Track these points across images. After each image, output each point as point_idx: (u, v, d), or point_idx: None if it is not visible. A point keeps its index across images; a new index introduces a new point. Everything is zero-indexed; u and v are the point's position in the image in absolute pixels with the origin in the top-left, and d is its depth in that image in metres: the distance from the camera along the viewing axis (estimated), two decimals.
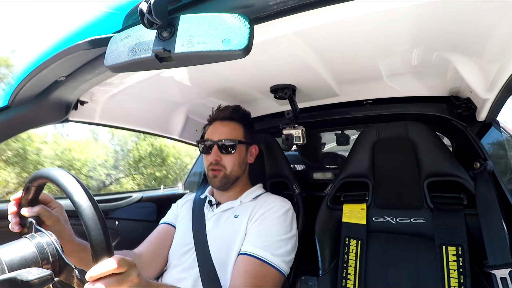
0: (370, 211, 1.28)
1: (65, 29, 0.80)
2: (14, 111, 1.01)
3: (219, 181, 1.18)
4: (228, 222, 1.15)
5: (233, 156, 1.18)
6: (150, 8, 0.52)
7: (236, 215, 1.16)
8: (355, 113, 1.54)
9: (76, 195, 0.63)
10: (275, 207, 1.13)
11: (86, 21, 0.78)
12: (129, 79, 1.10)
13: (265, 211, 1.11)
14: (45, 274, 0.56)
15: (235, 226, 1.12)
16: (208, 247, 1.11)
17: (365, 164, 1.33)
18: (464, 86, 1.18)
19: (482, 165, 1.13)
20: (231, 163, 1.18)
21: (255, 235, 1.06)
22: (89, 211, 0.61)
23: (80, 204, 0.61)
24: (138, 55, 0.59)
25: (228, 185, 1.20)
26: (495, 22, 0.75)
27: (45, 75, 0.90)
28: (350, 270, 1.21)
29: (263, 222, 1.09)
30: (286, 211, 1.13)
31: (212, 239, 1.13)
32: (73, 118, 1.19)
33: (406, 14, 0.77)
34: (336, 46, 0.99)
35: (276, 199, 1.18)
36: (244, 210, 1.16)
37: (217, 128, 1.23)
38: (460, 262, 1.05)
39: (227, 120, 1.25)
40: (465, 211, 1.12)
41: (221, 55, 0.54)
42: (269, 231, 1.07)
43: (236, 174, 1.20)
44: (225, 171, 1.18)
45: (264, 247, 1.02)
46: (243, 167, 1.23)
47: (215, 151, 1.18)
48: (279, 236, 1.07)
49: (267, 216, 1.10)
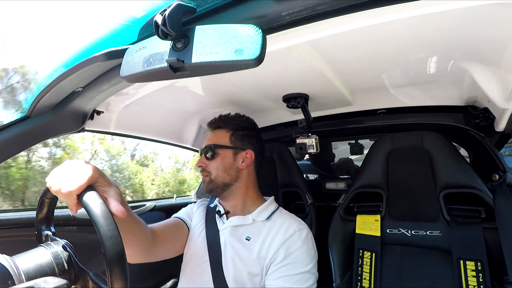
0: (384, 223, 1.25)
1: (83, 42, 0.83)
2: (34, 121, 1.04)
3: (206, 186, 1.21)
4: (240, 243, 1.13)
5: (215, 161, 1.20)
6: (165, 20, 0.53)
7: (248, 238, 1.13)
8: (369, 123, 1.52)
9: (91, 205, 0.63)
10: (295, 233, 1.10)
11: (103, 34, 0.80)
12: (143, 89, 1.12)
13: (285, 240, 1.08)
14: (61, 283, 0.57)
15: (248, 249, 1.10)
16: (221, 263, 1.10)
17: (379, 174, 1.30)
18: (481, 95, 1.16)
19: (501, 177, 1.09)
20: (215, 168, 1.19)
21: (283, 270, 1.04)
22: (103, 220, 0.62)
23: (95, 213, 0.62)
24: (153, 66, 0.60)
25: (218, 190, 1.20)
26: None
27: (63, 86, 0.92)
28: (365, 283, 1.18)
29: (287, 256, 1.06)
30: (306, 236, 1.11)
31: (227, 259, 1.11)
32: (89, 127, 1.22)
33: (421, 23, 0.76)
34: (350, 55, 0.98)
35: (293, 223, 1.14)
36: (256, 232, 1.13)
37: (207, 138, 1.28)
38: (480, 278, 1.01)
39: (214, 129, 1.29)
40: (484, 225, 1.09)
41: (233, 65, 0.55)
42: (296, 265, 1.05)
43: (223, 180, 1.19)
44: (210, 176, 1.20)
45: (294, 282, 1.02)
46: (232, 173, 1.20)
47: (202, 158, 1.23)
48: (306, 267, 1.05)
49: (290, 247, 1.07)
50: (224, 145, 1.22)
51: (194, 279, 1.15)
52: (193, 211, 1.33)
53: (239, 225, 1.17)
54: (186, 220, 1.28)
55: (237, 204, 1.22)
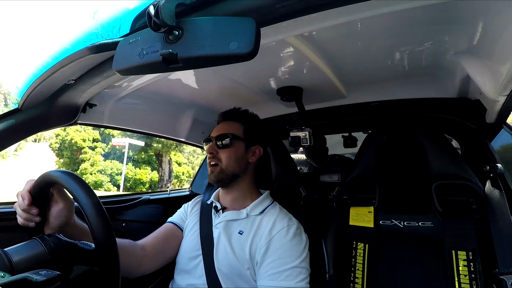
0: (378, 214, 1.27)
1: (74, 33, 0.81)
2: (25, 114, 1.02)
3: (215, 175, 1.20)
4: (233, 237, 1.14)
5: (228, 150, 1.20)
6: (158, 12, 0.53)
7: (241, 231, 1.14)
8: (363, 115, 1.53)
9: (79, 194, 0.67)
10: (283, 229, 1.10)
11: (94, 25, 0.79)
12: (136, 82, 1.12)
13: (272, 236, 1.09)
14: (53, 275, 0.57)
15: (240, 243, 1.12)
16: (213, 257, 1.11)
17: (372, 166, 1.31)
18: (473, 87, 1.17)
19: (492, 168, 1.11)
20: (227, 158, 1.19)
21: (271, 266, 1.05)
22: (93, 209, 0.65)
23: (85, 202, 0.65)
24: (146, 59, 0.60)
25: (226, 181, 1.20)
26: (506, 22, 0.74)
27: (55, 78, 0.91)
28: (358, 274, 1.20)
29: (274, 252, 1.06)
30: (294, 232, 1.11)
31: (219, 251, 1.13)
32: (82, 120, 1.21)
33: (414, 16, 0.77)
34: (343, 48, 0.98)
35: (282, 219, 1.15)
36: (249, 226, 1.15)
37: (218, 127, 1.27)
38: (471, 267, 1.03)
39: (228, 120, 1.29)
40: (475, 215, 1.10)
41: (227, 58, 0.55)
42: (283, 261, 1.05)
43: (233, 170, 1.20)
44: (221, 165, 1.19)
45: (283, 279, 1.02)
46: (242, 165, 1.22)
47: (212, 145, 1.21)
48: (294, 262, 1.05)
49: (276, 242, 1.08)
50: (240, 136, 1.23)
51: (187, 272, 1.16)
52: (187, 211, 1.34)
53: (233, 220, 1.18)
54: (180, 223, 1.30)
55: (238, 197, 1.24)
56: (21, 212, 0.80)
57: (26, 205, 0.79)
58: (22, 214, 0.80)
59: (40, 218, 0.81)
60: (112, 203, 1.59)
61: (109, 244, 0.66)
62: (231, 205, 1.23)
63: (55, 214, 0.82)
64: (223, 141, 1.20)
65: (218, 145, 1.20)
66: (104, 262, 0.65)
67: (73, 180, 0.69)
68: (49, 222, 0.83)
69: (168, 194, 2.01)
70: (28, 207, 0.79)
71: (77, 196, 0.67)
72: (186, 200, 1.43)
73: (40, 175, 0.77)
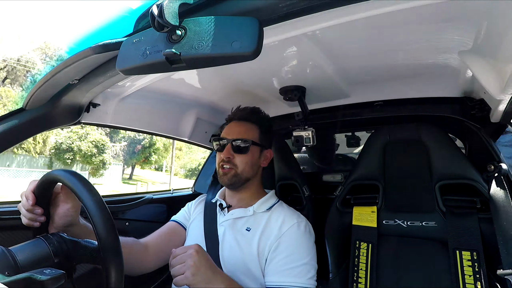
0: (381, 214, 1.26)
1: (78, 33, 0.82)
2: (29, 114, 1.03)
3: (228, 179, 1.17)
4: (240, 234, 1.14)
5: (245, 156, 1.17)
6: (161, 12, 0.53)
7: (248, 228, 1.14)
8: (366, 115, 1.52)
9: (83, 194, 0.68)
10: (293, 225, 1.10)
11: (98, 25, 0.79)
12: (140, 81, 1.12)
13: (283, 232, 1.09)
14: (58, 273, 0.57)
15: (247, 239, 1.11)
16: (219, 255, 1.11)
17: (376, 166, 1.31)
18: (477, 87, 1.16)
19: (496, 167, 1.10)
20: (243, 163, 1.17)
21: (283, 263, 1.05)
22: (95, 206, 0.66)
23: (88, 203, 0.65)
24: (149, 58, 0.60)
25: (238, 185, 1.19)
26: (511, 21, 0.74)
27: (59, 78, 0.91)
28: (361, 274, 1.20)
29: (285, 248, 1.06)
30: (304, 229, 1.11)
31: (224, 247, 1.12)
32: (86, 120, 1.21)
33: (418, 14, 0.76)
34: (347, 47, 0.98)
35: (291, 215, 1.15)
36: (256, 223, 1.14)
37: (233, 128, 1.23)
38: (476, 268, 1.03)
39: (243, 120, 1.24)
40: (479, 215, 1.10)
41: (230, 58, 0.55)
42: (295, 257, 1.05)
43: (247, 175, 1.19)
44: (236, 170, 1.17)
45: (295, 275, 1.02)
46: (255, 169, 1.22)
47: (228, 149, 1.17)
48: (305, 259, 1.06)
49: (288, 239, 1.08)
50: (258, 142, 1.21)
51: None
52: (191, 210, 1.34)
53: (240, 217, 1.18)
54: (183, 222, 1.30)
55: (246, 197, 1.23)
56: (26, 212, 0.80)
57: (30, 205, 0.79)
58: (26, 214, 0.80)
59: (44, 218, 0.81)
60: (115, 202, 1.60)
61: (112, 240, 0.67)
62: (237, 204, 1.23)
63: (61, 213, 0.83)
64: (241, 145, 1.17)
65: (234, 148, 1.18)
66: (107, 258, 0.66)
67: (76, 178, 0.70)
68: (54, 221, 0.84)
69: (171, 193, 2.02)
70: (32, 207, 0.80)
71: (80, 193, 0.68)
72: (189, 199, 1.43)
73: (43, 175, 0.78)
